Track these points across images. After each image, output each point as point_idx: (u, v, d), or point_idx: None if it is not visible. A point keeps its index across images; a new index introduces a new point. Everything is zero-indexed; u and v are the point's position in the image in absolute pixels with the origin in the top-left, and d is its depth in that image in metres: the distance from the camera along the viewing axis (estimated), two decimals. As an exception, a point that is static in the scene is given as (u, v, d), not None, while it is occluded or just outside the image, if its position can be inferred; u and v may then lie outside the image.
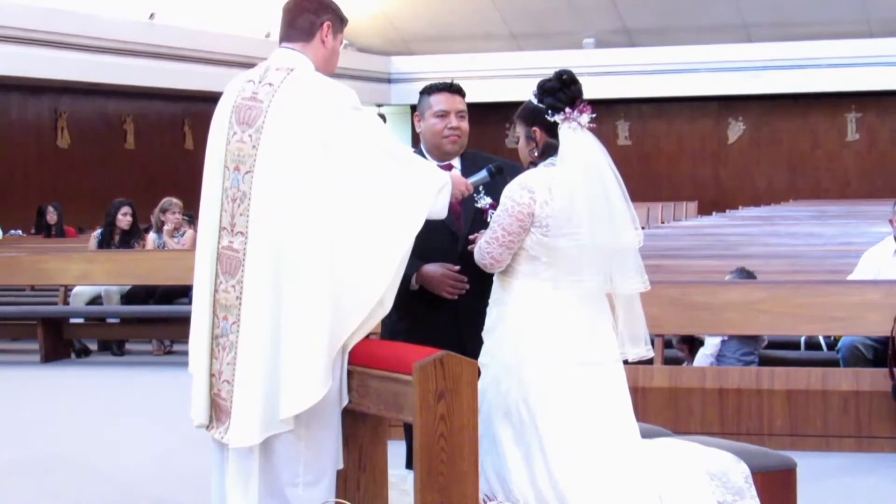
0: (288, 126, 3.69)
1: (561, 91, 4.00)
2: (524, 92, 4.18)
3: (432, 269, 4.43)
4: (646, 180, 23.20)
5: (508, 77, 22.22)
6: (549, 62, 21.62)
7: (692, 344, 6.98)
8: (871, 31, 22.14)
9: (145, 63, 17.39)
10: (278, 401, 3.64)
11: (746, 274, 7.07)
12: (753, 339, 6.73)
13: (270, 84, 3.77)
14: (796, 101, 23.01)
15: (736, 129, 23.98)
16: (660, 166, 24.00)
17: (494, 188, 4.27)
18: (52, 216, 14.48)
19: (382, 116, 25.28)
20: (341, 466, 3.83)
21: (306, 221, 3.64)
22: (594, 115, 3.99)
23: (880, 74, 21.60)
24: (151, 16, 17.89)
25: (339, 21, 3.94)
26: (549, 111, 3.98)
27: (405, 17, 23.46)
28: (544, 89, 4.03)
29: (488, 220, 4.15)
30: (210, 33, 19.10)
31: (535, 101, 4.04)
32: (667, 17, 22.56)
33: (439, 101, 4.55)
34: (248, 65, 4.23)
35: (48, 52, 15.96)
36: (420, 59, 24.08)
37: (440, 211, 3.84)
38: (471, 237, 4.25)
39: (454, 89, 4.59)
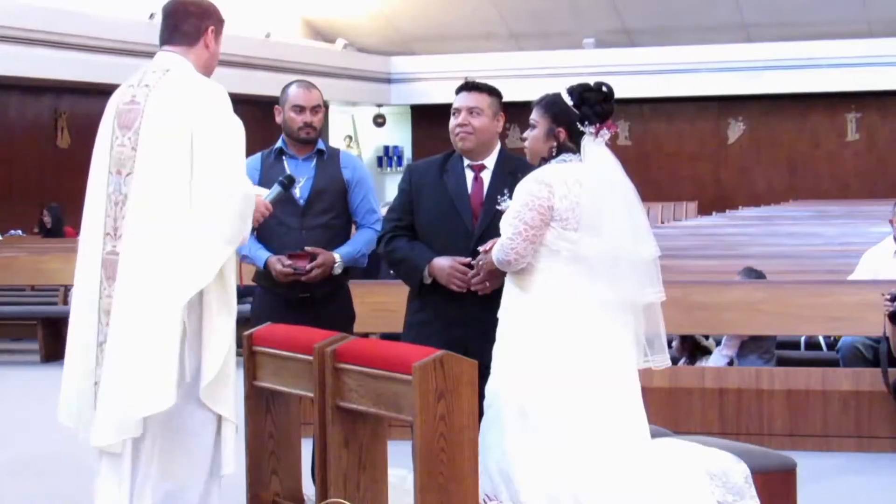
0: (160, 124, 3.78)
1: (600, 104, 4.02)
2: (524, 92, 4.19)
3: (442, 262, 4.47)
4: (646, 180, 23.12)
5: (508, 77, 22.17)
6: (549, 62, 21.67)
7: (693, 350, 6.97)
8: (871, 31, 22.12)
9: (146, 63, 17.34)
10: (133, 402, 3.69)
11: (756, 274, 7.06)
12: (769, 341, 6.74)
13: (147, 86, 3.90)
14: (796, 101, 22.99)
15: (736, 129, 23.96)
16: (660, 166, 23.97)
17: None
18: (48, 219, 14.45)
19: (382, 116, 25.29)
20: (224, 473, 3.87)
21: (176, 218, 3.71)
22: (617, 133, 4.03)
23: (880, 74, 21.58)
24: (151, 16, 17.86)
25: (221, 24, 4.06)
26: (584, 120, 3.99)
27: (405, 17, 23.44)
28: (583, 97, 4.02)
29: None
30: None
31: (570, 103, 4.03)
32: (667, 17, 22.54)
33: (456, 100, 4.59)
34: (247, 65, 4.29)
35: (48, 52, 15.94)
36: (420, 59, 24.05)
37: (245, 239, 3.90)
38: (480, 248, 4.26)
39: (468, 87, 4.60)
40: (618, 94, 4.15)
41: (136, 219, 3.76)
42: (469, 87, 4.58)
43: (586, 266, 3.91)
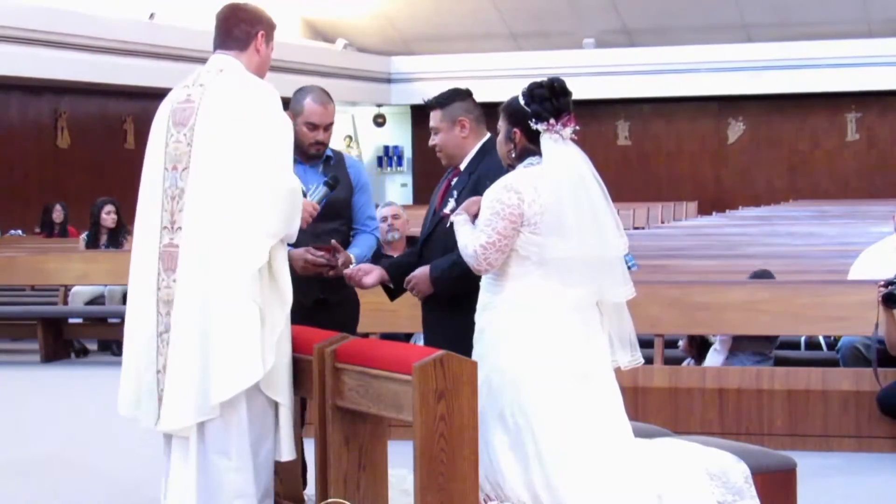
0: (216, 122, 3.92)
1: (549, 100, 3.96)
2: (524, 92, 4.17)
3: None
4: (646, 180, 23.16)
5: (508, 77, 22.15)
6: (549, 62, 21.64)
7: (700, 348, 6.96)
8: (871, 31, 22.12)
9: (145, 63, 17.36)
10: (209, 386, 3.84)
11: (763, 275, 7.04)
12: (768, 342, 6.72)
13: (202, 85, 4.04)
14: (796, 101, 22.98)
15: (736, 129, 23.95)
16: (660, 166, 23.97)
17: (469, 193, 4.36)
18: (58, 214, 14.43)
19: (382, 116, 25.28)
20: (286, 458, 3.99)
21: (230, 212, 3.85)
22: (577, 128, 3.98)
23: (880, 74, 21.57)
24: (151, 16, 17.87)
25: (271, 29, 4.22)
26: (534, 119, 3.96)
27: (405, 17, 23.44)
28: (533, 94, 3.99)
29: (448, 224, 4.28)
30: (210, 33, 19.01)
31: (521, 103, 4.01)
32: (667, 17, 22.53)
33: None
34: (248, 64, 4.30)
35: (48, 52, 15.92)
36: (420, 59, 24.05)
37: (293, 236, 4.02)
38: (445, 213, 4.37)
39: (425, 107, 4.67)
40: (618, 94, 4.16)
41: (193, 211, 3.91)
42: (427, 107, 4.64)
43: (555, 268, 3.89)
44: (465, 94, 4.61)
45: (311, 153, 4.84)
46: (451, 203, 4.43)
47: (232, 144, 3.88)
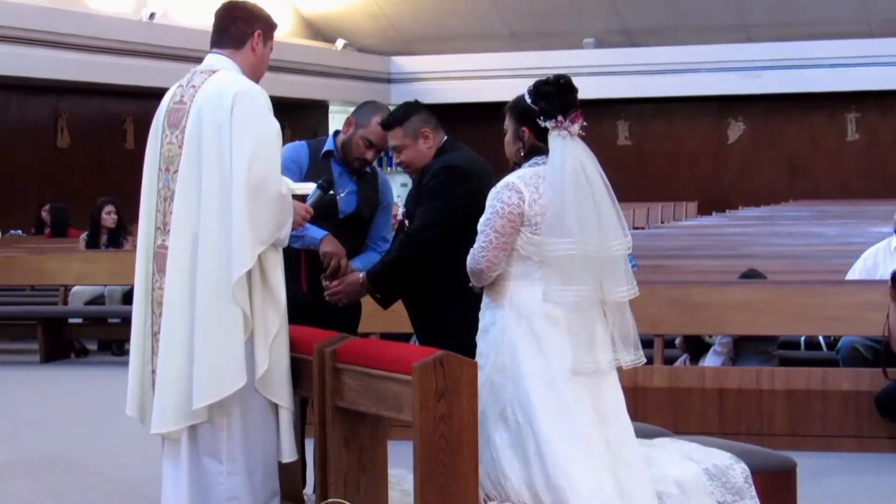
0: (202, 124, 3.91)
1: (556, 97, 3.97)
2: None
3: None
4: (646, 180, 23.14)
5: (508, 77, 22.18)
6: (549, 62, 21.60)
7: (696, 349, 6.96)
8: (871, 31, 22.11)
9: (145, 63, 17.36)
10: (192, 391, 3.85)
11: (754, 276, 7.04)
12: (770, 340, 6.72)
13: (194, 86, 4.02)
14: (796, 101, 22.97)
15: (736, 129, 23.95)
16: (660, 166, 23.96)
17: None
18: (46, 217, 14.36)
19: (382, 116, 25.28)
20: (286, 459, 4.01)
21: (216, 215, 3.85)
22: (585, 125, 3.98)
23: (880, 74, 21.56)
24: (151, 16, 17.88)
25: (269, 29, 4.17)
26: (542, 116, 3.96)
27: (405, 17, 23.43)
28: (540, 92, 4.00)
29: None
30: (210, 33, 19.00)
31: (528, 101, 4.01)
32: (667, 17, 22.53)
33: None
34: (248, 64, 4.29)
35: (48, 52, 15.93)
36: (420, 59, 24.04)
37: (284, 240, 4.02)
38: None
39: (382, 126, 4.66)
40: (618, 94, 4.15)
41: (179, 214, 3.92)
42: (383, 126, 4.63)
43: (556, 268, 3.89)
44: (419, 107, 4.63)
45: (354, 167, 4.82)
46: (401, 209, 4.56)
47: (219, 147, 3.87)
